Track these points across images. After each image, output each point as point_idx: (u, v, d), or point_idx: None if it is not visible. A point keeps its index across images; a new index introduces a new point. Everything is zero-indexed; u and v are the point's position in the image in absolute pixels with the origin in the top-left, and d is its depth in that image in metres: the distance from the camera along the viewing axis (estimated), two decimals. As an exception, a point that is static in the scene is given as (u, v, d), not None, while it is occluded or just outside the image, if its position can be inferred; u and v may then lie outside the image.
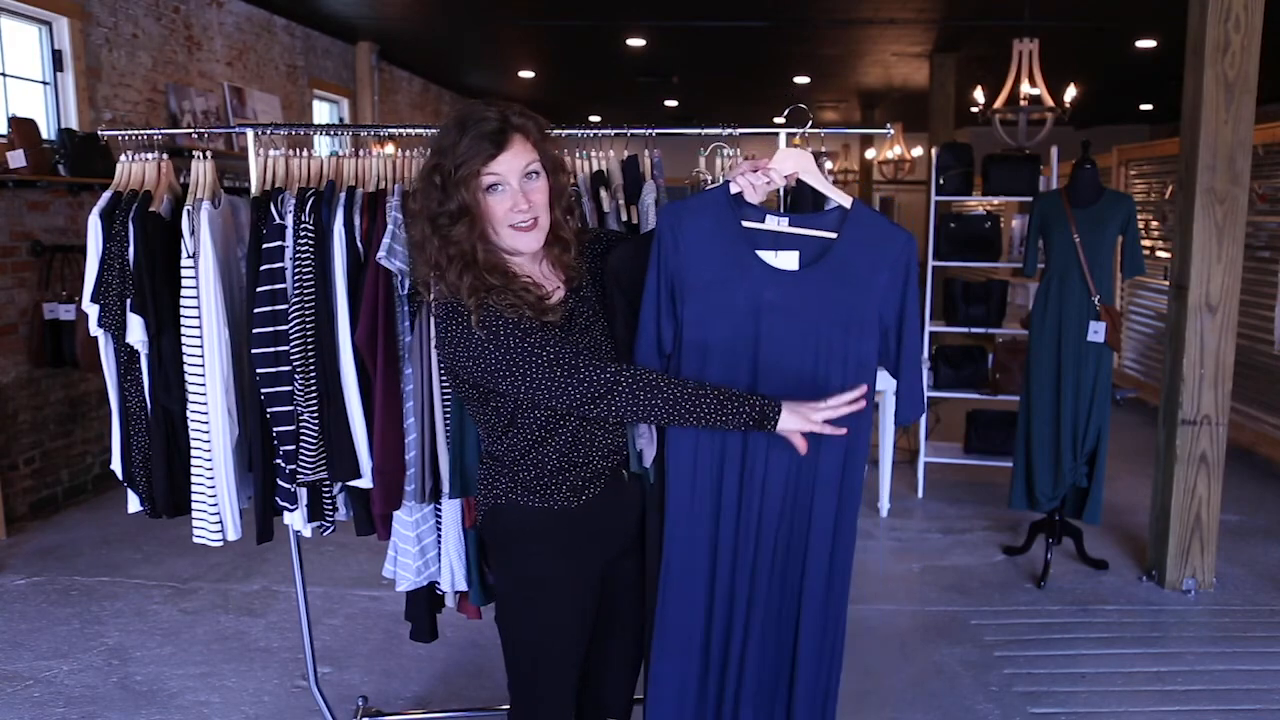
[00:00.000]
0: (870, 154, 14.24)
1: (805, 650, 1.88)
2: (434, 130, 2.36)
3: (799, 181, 1.86)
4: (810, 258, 1.79)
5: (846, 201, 1.80)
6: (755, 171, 1.79)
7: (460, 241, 1.70)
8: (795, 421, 1.71)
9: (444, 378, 2.20)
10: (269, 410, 2.29)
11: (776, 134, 2.43)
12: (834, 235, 1.78)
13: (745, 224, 1.79)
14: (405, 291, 2.22)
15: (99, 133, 2.66)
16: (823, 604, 1.87)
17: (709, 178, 2.36)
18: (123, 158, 2.48)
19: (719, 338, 1.79)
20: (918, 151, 12.98)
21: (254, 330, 2.25)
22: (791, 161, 1.80)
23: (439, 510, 2.41)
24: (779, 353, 1.79)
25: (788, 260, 1.79)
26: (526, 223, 1.73)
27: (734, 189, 1.80)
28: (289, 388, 2.27)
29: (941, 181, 5.07)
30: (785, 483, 1.82)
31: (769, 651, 1.89)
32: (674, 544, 1.86)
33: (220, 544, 2.44)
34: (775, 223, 1.79)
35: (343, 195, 2.28)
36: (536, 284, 1.77)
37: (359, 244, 2.27)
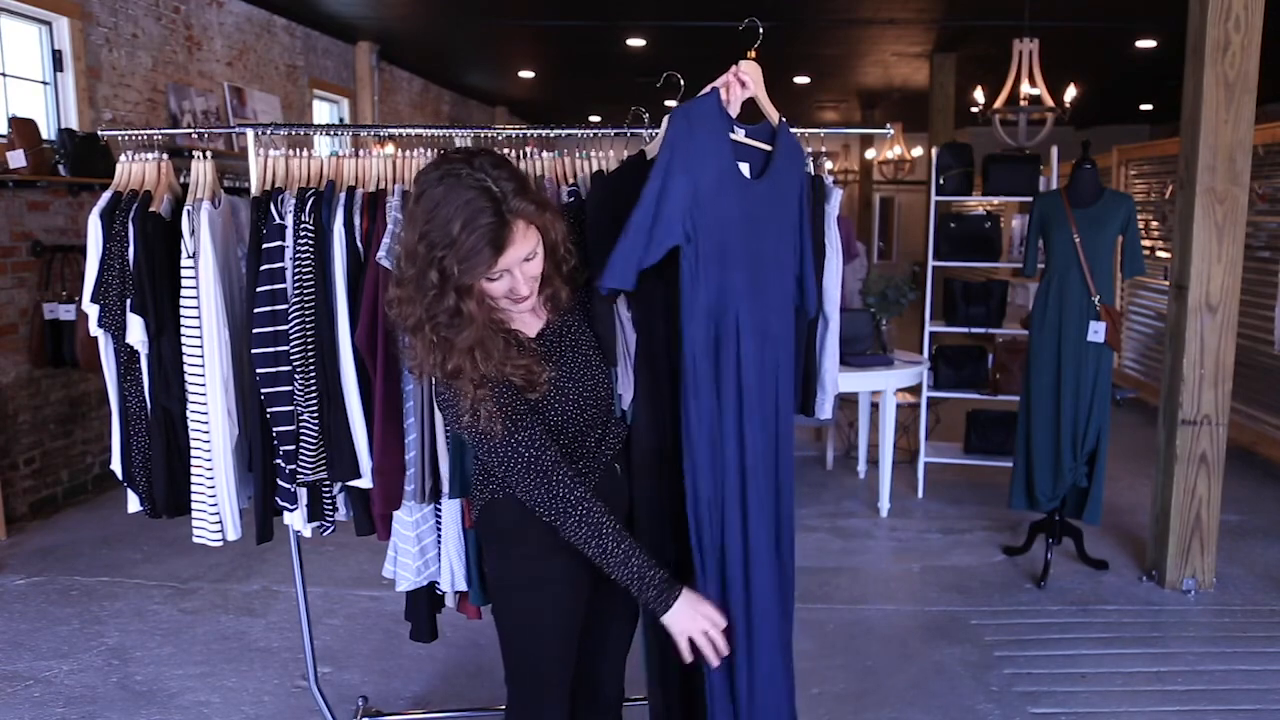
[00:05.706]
0: (870, 154, 14.24)
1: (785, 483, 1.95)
2: (434, 130, 2.31)
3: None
4: (759, 169, 1.87)
5: (775, 118, 1.91)
6: (735, 80, 1.82)
7: (465, 347, 1.65)
8: (684, 622, 1.71)
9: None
10: (269, 410, 2.29)
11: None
12: (770, 148, 1.88)
13: (731, 136, 1.81)
14: (405, 292, 2.22)
15: (99, 133, 2.66)
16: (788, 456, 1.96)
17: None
18: (123, 158, 2.47)
19: (721, 245, 1.77)
20: (918, 151, 12.99)
21: (254, 330, 2.25)
22: (755, 70, 1.87)
23: (439, 510, 2.41)
24: (763, 260, 1.85)
25: (746, 170, 1.85)
26: (521, 296, 1.70)
27: (723, 95, 1.81)
28: (289, 388, 2.27)
29: (941, 181, 5.07)
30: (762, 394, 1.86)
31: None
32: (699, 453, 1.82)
33: (220, 544, 2.44)
34: (742, 134, 1.85)
35: (343, 195, 2.28)
36: (527, 355, 1.72)
37: (359, 244, 2.27)
